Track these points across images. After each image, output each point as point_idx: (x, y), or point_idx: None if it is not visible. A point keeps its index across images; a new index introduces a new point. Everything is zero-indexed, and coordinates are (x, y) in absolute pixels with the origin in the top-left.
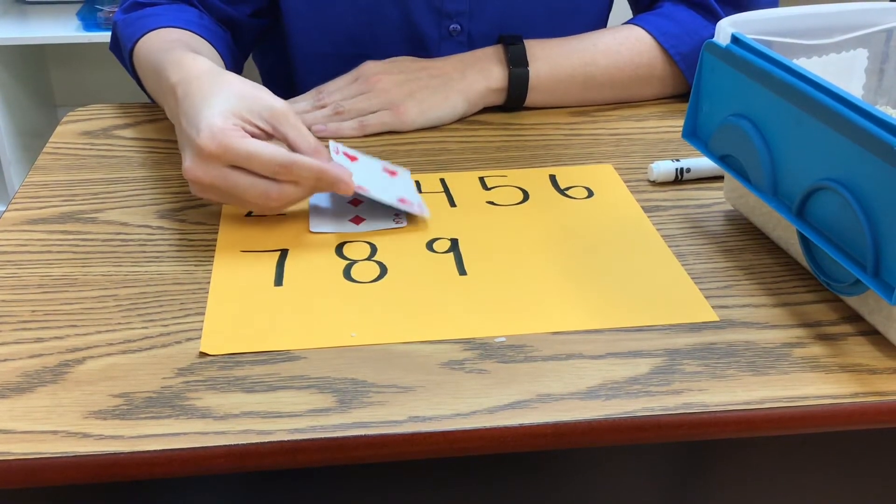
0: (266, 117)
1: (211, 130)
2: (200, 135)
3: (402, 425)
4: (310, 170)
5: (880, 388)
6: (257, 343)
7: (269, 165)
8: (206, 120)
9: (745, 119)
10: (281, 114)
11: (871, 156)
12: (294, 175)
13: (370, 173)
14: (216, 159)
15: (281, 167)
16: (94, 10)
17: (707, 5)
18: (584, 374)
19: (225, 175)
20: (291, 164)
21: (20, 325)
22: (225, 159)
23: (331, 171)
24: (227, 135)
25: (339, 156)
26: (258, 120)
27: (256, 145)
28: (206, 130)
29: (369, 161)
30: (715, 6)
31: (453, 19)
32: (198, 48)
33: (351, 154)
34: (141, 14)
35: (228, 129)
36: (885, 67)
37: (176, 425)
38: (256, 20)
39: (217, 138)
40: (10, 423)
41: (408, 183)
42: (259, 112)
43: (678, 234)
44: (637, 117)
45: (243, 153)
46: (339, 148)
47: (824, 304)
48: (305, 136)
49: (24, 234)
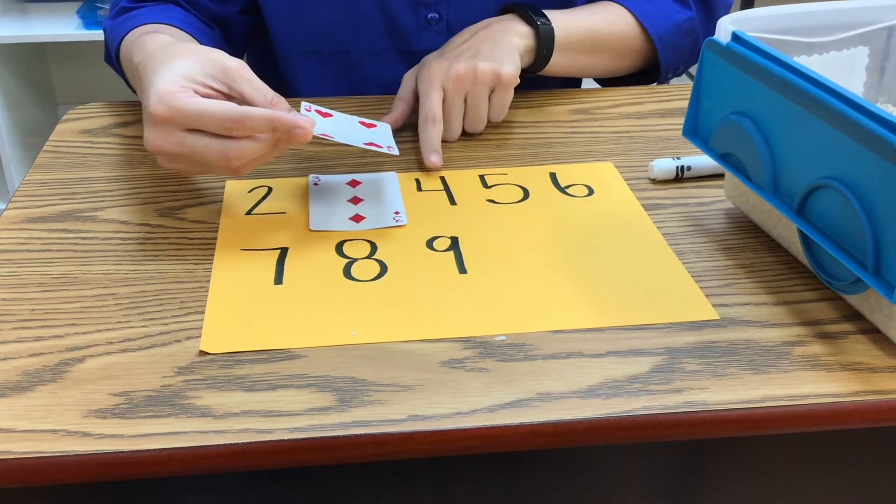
0: (219, 77)
1: (159, 95)
2: (150, 101)
3: (403, 424)
4: (261, 119)
5: (881, 387)
6: (257, 342)
7: (219, 121)
8: (155, 88)
9: (745, 117)
10: (234, 70)
11: (871, 154)
12: (247, 128)
13: (343, 125)
14: (168, 122)
15: (232, 122)
16: (95, 9)
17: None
18: (585, 372)
19: (182, 139)
20: (242, 117)
21: (20, 323)
22: (177, 122)
23: (284, 118)
24: (175, 97)
25: (310, 112)
26: (211, 81)
27: (204, 103)
28: (155, 96)
29: (345, 117)
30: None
31: (430, 8)
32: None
33: (324, 111)
34: (126, 17)
35: (176, 91)
36: (885, 65)
37: (176, 424)
38: (245, 18)
39: (165, 101)
40: (9, 422)
41: (385, 132)
42: (212, 73)
43: (678, 233)
44: (637, 115)
45: (192, 112)
46: (312, 106)
47: (825, 303)
48: (261, 90)
49: (24, 233)
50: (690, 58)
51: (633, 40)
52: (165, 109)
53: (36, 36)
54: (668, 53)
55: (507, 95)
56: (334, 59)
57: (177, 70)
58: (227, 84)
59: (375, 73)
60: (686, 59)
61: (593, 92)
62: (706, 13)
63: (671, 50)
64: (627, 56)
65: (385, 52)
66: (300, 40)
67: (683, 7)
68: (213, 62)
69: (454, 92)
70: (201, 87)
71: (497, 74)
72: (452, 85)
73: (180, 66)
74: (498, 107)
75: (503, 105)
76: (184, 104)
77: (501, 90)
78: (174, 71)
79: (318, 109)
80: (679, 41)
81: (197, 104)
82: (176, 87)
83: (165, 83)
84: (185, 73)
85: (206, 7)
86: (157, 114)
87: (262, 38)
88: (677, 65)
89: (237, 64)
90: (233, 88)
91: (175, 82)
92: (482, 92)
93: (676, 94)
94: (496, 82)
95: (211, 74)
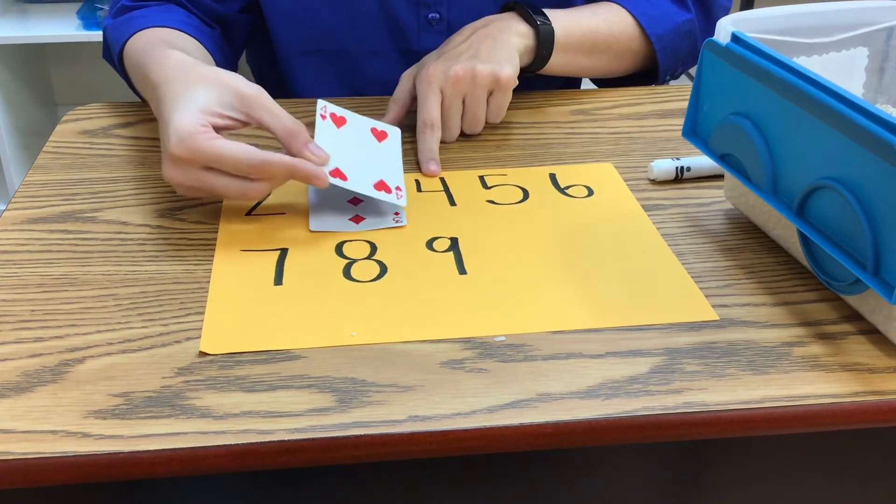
0: (237, 106)
1: (179, 136)
2: (170, 141)
3: (402, 425)
4: (282, 167)
5: (880, 388)
6: (257, 342)
7: (239, 167)
8: (174, 125)
9: (745, 118)
10: (252, 98)
11: (871, 155)
12: (266, 174)
13: (355, 140)
14: (188, 163)
15: (252, 168)
16: (95, 9)
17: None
18: (584, 373)
19: (200, 177)
20: (263, 165)
21: (20, 324)
22: (197, 163)
23: (303, 168)
24: (196, 139)
25: (325, 121)
26: (230, 110)
27: (225, 148)
28: (175, 137)
29: (357, 121)
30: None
31: (431, 8)
32: (183, 46)
33: (339, 115)
34: (128, 17)
35: (197, 132)
36: (885, 66)
37: (176, 425)
38: (246, 16)
39: (185, 143)
40: (9, 423)
41: (393, 152)
42: (230, 102)
43: (678, 233)
44: (637, 116)
45: (213, 157)
46: (328, 108)
47: (824, 303)
48: (278, 117)
49: (24, 234)
50: (689, 59)
51: (633, 41)
52: (185, 152)
53: (36, 36)
54: (666, 55)
55: (505, 97)
56: (334, 59)
57: (195, 103)
58: (245, 112)
59: (376, 73)
60: (685, 61)
61: (593, 93)
62: (705, 15)
63: (670, 51)
64: (627, 57)
65: (385, 52)
66: (300, 39)
67: (682, 9)
68: (231, 90)
69: (452, 94)
70: (220, 118)
71: (496, 77)
72: (451, 87)
73: (198, 97)
74: (496, 109)
75: (501, 107)
76: (204, 147)
77: (500, 92)
78: (192, 104)
79: (333, 112)
80: (678, 43)
81: (218, 148)
82: (196, 124)
83: (184, 122)
84: (203, 105)
85: (207, 6)
86: (176, 154)
87: (262, 37)
88: (676, 66)
89: (255, 91)
90: (251, 116)
91: (195, 119)
92: (480, 94)
93: (676, 94)
94: (494, 84)
95: (229, 104)
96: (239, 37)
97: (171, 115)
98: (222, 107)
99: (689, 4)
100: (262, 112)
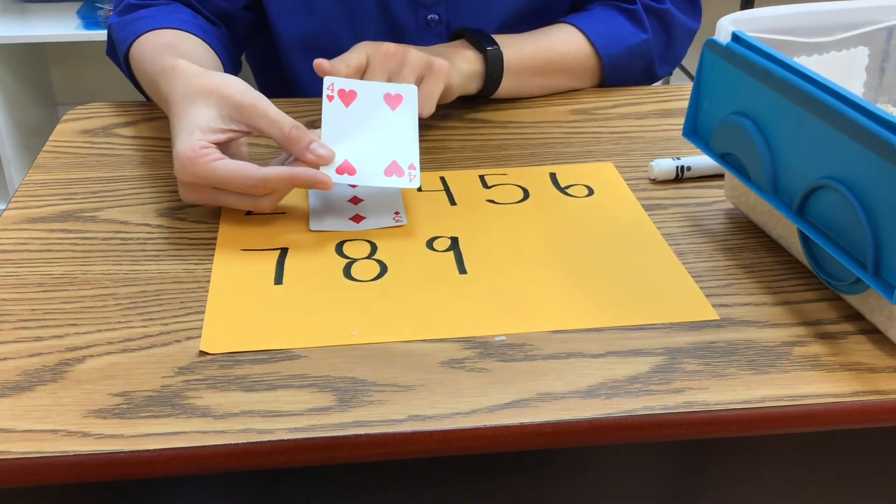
0: (236, 117)
1: (181, 162)
2: (176, 166)
3: (402, 424)
4: (281, 180)
5: (881, 387)
6: (257, 342)
7: (242, 187)
8: (176, 151)
9: (745, 117)
10: (249, 108)
11: (871, 154)
12: (268, 189)
13: (367, 116)
14: (196, 185)
15: (253, 187)
16: (95, 9)
17: (636, 13)
18: (585, 372)
19: (213, 196)
20: (261, 182)
21: (20, 323)
22: (203, 185)
23: (303, 177)
24: (196, 164)
25: (333, 102)
26: (230, 123)
27: (223, 171)
28: (178, 162)
29: (369, 91)
30: (642, 16)
31: (430, 9)
32: (190, 48)
33: (348, 89)
34: (135, 16)
35: (198, 156)
36: (885, 65)
37: (176, 424)
38: (249, 13)
39: (188, 169)
40: (9, 422)
41: (408, 120)
42: (229, 115)
43: (678, 233)
44: (637, 115)
45: (214, 180)
46: (335, 85)
47: (825, 303)
48: (277, 123)
49: (24, 233)
50: (643, 78)
51: (587, 60)
52: (190, 176)
53: (36, 36)
54: (614, 74)
55: (436, 84)
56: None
57: (195, 123)
58: (244, 122)
59: None
60: (637, 79)
61: (593, 92)
62: (665, 36)
63: (619, 71)
64: (585, 75)
65: None
66: (301, 38)
67: (639, 29)
68: (229, 103)
69: (377, 66)
70: (221, 133)
71: (428, 60)
72: (378, 59)
73: (198, 116)
74: (424, 96)
75: (431, 95)
76: (205, 172)
77: (431, 77)
78: (193, 125)
79: (342, 89)
80: (630, 62)
81: (219, 171)
82: (196, 148)
83: (185, 147)
84: (203, 124)
85: (213, 3)
86: (183, 180)
87: (263, 34)
88: (626, 85)
89: (251, 100)
90: (249, 125)
91: (195, 143)
92: (408, 76)
93: (676, 94)
94: (426, 69)
95: (228, 116)
96: (242, 34)
97: (176, 140)
98: (222, 121)
99: (646, 25)
100: (259, 121)
